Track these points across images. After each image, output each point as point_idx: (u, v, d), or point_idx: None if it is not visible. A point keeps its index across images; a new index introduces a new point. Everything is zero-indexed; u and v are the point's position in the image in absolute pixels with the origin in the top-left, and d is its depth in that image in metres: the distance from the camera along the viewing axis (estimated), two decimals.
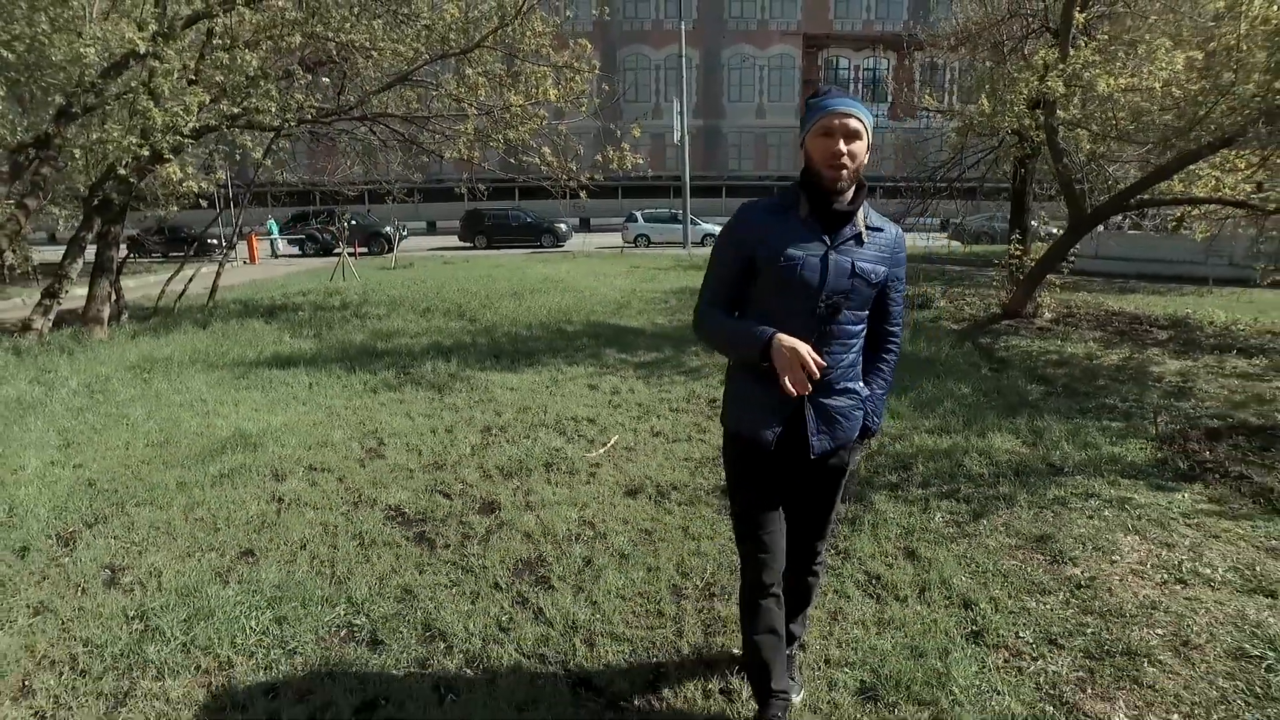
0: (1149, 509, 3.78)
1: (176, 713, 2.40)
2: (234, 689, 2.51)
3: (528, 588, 3.11)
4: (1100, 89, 6.68)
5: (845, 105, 1.88)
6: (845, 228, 1.94)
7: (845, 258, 1.92)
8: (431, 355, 7.58)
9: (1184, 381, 6.63)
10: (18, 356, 7.63)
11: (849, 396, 2.05)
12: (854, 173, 1.90)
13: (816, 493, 2.17)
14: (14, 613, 2.97)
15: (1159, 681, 2.46)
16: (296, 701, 2.44)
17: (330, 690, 2.49)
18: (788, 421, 2.00)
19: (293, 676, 2.56)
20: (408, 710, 2.39)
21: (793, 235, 1.93)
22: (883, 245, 1.99)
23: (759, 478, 2.10)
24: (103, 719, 2.38)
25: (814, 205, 1.93)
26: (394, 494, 4.09)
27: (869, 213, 2.00)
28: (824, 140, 1.87)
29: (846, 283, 1.92)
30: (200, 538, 3.62)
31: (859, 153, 1.88)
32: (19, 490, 4.17)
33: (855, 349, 2.04)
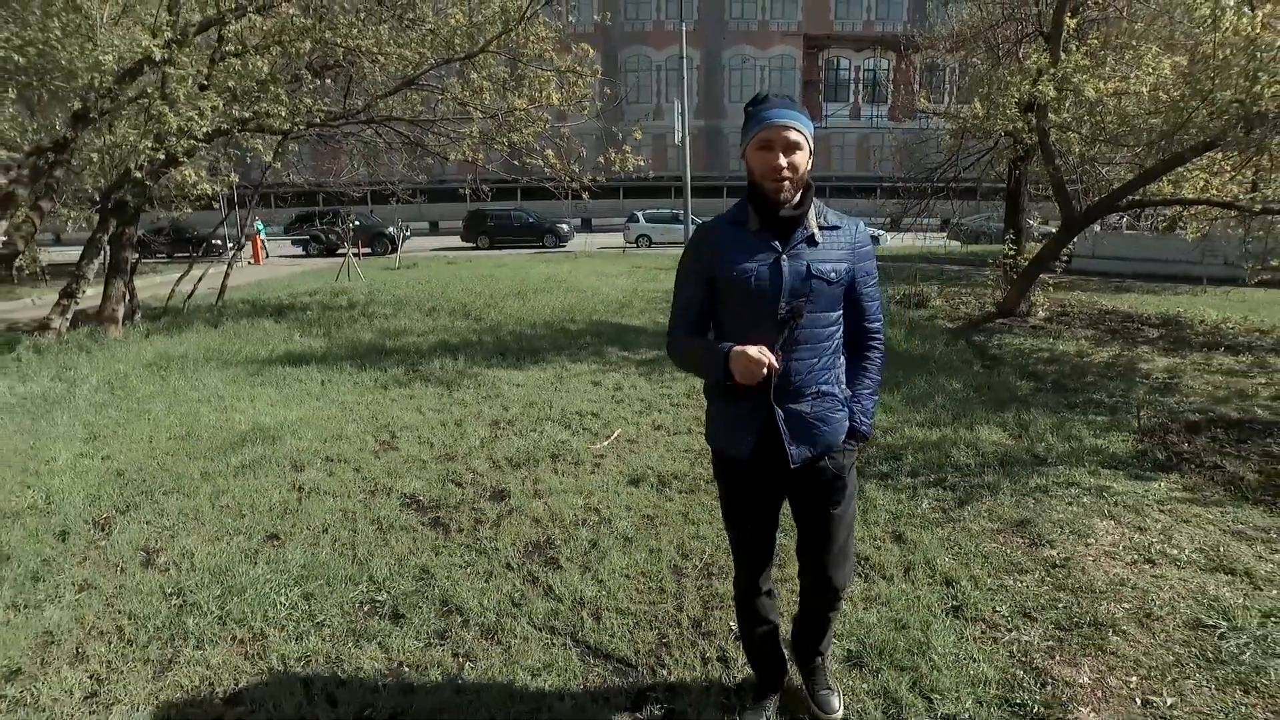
0: (1125, 496, 3.99)
1: (218, 677, 2.61)
2: (269, 656, 2.72)
3: (538, 568, 3.33)
4: (1088, 94, 6.88)
5: (783, 116, 1.87)
6: (795, 231, 1.94)
7: (799, 261, 1.92)
8: (439, 353, 7.79)
9: (1170, 378, 6.82)
10: (38, 355, 7.86)
11: (825, 400, 2.01)
12: (797, 182, 1.91)
13: (812, 504, 2.11)
14: (61, 589, 3.19)
15: (1121, 649, 2.67)
16: (327, 666, 2.65)
17: (358, 657, 2.70)
18: (762, 433, 2.00)
19: (322, 647, 2.77)
20: (430, 675, 2.60)
21: (745, 248, 1.95)
22: (841, 243, 1.98)
23: (744, 492, 2.13)
24: (151, 681, 2.59)
25: (762, 216, 1.94)
26: (408, 483, 4.30)
27: (823, 212, 2.00)
28: (764, 154, 1.89)
29: (804, 285, 1.91)
30: (227, 523, 3.83)
31: (800, 163, 1.90)
32: (53, 480, 4.38)
33: (828, 351, 2.01)
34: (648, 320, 10.09)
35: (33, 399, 6.23)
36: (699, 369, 2.06)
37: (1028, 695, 2.44)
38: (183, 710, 2.44)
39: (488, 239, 30.75)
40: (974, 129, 8.84)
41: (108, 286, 9.35)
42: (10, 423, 5.54)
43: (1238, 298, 12.51)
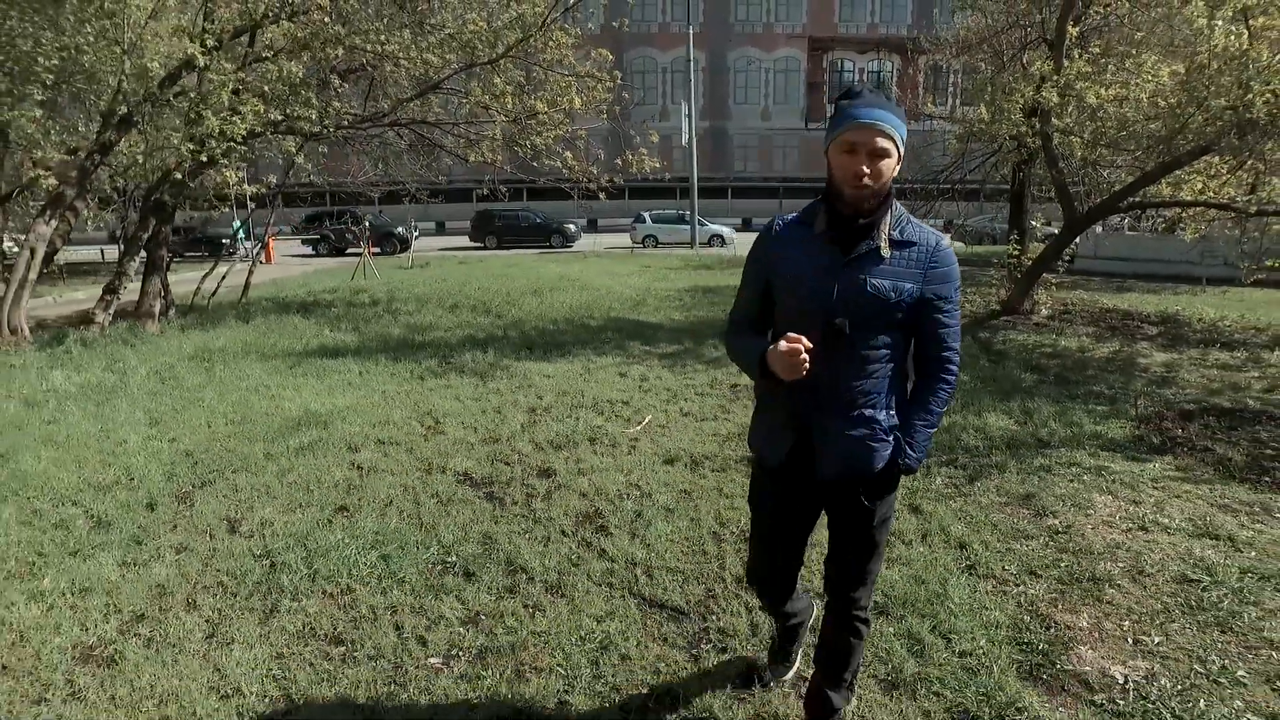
0: (1122, 475, 4.34)
1: (317, 622, 2.96)
2: (359, 606, 3.07)
3: (590, 534, 3.68)
4: (1090, 100, 7.23)
5: (873, 116, 1.72)
6: (861, 242, 1.81)
7: (858, 276, 1.80)
8: (469, 347, 8.15)
9: (1168, 372, 7.17)
10: (86, 347, 8.22)
11: (866, 426, 1.89)
12: (878, 192, 1.78)
13: (843, 523, 2.05)
14: (162, 551, 3.54)
15: (1116, 599, 3.02)
16: (413, 614, 3.00)
17: (438, 608, 3.04)
18: (797, 444, 1.95)
19: (405, 599, 3.12)
20: (506, 623, 2.94)
21: (807, 253, 1.86)
22: (910, 261, 1.81)
23: (773, 502, 2.10)
24: (259, 625, 2.94)
25: (831, 220, 1.84)
26: (460, 462, 4.65)
27: (902, 224, 1.84)
28: (847, 158, 1.75)
29: (857, 301, 1.79)
30: (297, 497, 4.19)
31: (885, 172, 1.76)
32: (129, 459, 4.74)
33: (877, 374, 1.87)
34: (664, 317, 10.44)
35: (90, 388, 6.58)
36: (743, 367, 2.02)
37: (1033, 636, 2.78)
38: (291, 648, 2.79)
39: (495, 239, 31.10)
40: (979, 133, 9.18)
41: (145, 283, 9.72)
42: (76, 409, 5.90)
43: (1236, 297, 12.83)
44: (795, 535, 2.13)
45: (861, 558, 2.06)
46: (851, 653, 2.17)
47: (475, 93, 10.43)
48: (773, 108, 44.28)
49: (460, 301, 12.09)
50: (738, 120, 44.35)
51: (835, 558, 2.10)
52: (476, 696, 2.50)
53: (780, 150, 44.39)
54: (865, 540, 2.03)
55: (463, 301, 12.08)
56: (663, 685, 2.55)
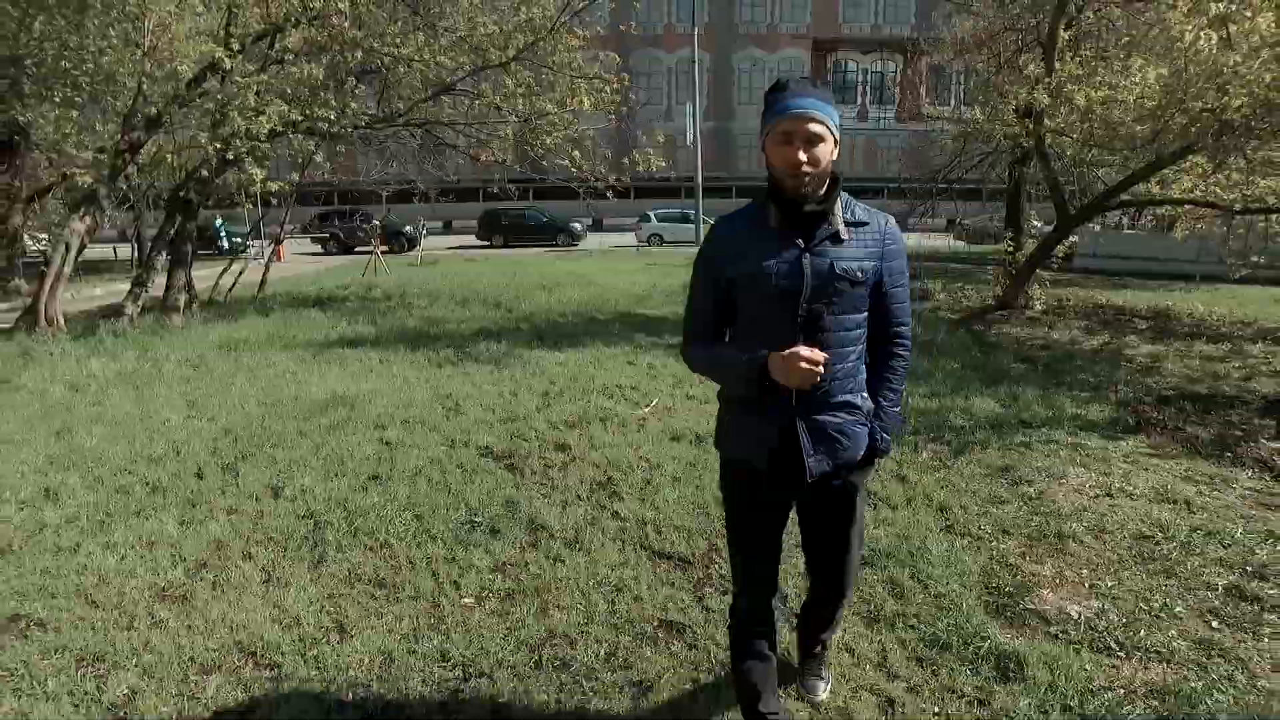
0: (1096, 451, 4.68)
1: (362, 570, 3.31)
2: (398, 557, 3.42)
3: (604, 499, 4.03)
4: (1078, 102, 7.55)
5: (803, 105, 1.75)
6: (820, 227, 1.83)
7: (823, 259, 1.81)
8: (482, 338, 8.51)
9: (1152, 362, 7.50)
10: (117, 338, 8.60)
11: (848, 411, 1.91)
12: (819, 177, 1.80)
13: (825, 521, 2.08)
14: (215, 512, 3.90)
15: (1078, 552, 3.36)
16: (446, 564, 3.36)
17: (469, 558, 3.40)
18: (781, 443, 1.90)
19: (438, 552, 3.47)
20: (530, 570, 3.29)
21: (765, 245, 1.85)
22: (868, 239, 1.87)
23: (756, 506, 2.05)
24: (310, 572, 3.30)
25: (783, 211, 1.83)
26: (481, 438, 5.01)
27: (851, 206, 1.88)
28: (783, 148, 1.77)
29: (828, 285, 1.81)
30: (333, 467, 4.54)
31: (822, 156, 1.78)
32: (174, 436, 5.11)
33: (852, 357, 1.90)
34: (669, 311, 10.78)
35: (127, 374, 6.96)
36: (725, 378, 2.00)
37: (1001, 581, 3.13)
38: (340, 590, 3.15)
39: (502, 238, 31.45)
40: (975, 133, 9.51)
41: (170, 277, 10.10)
42: (117, 393, 6.27)
43: (1228, 293, 13.10)
44: (776, 532, 2.10)
45: (845, 544, 2.11)
46: (837, 614, 2.37)
47: (486, 94, 10.79)
48: None
49: (471, 297, 12.46)
50: (742, 120, 44.60)
51: (818, 548, 2.16)
52: (506, 627, 2.86)
53: None
54: (847, 525, 2.07)
55: (474, 297, 12.45)
56: (671, 619, 2.90)
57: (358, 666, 2.63)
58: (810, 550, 2.19)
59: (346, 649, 2.74)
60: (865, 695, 2.46)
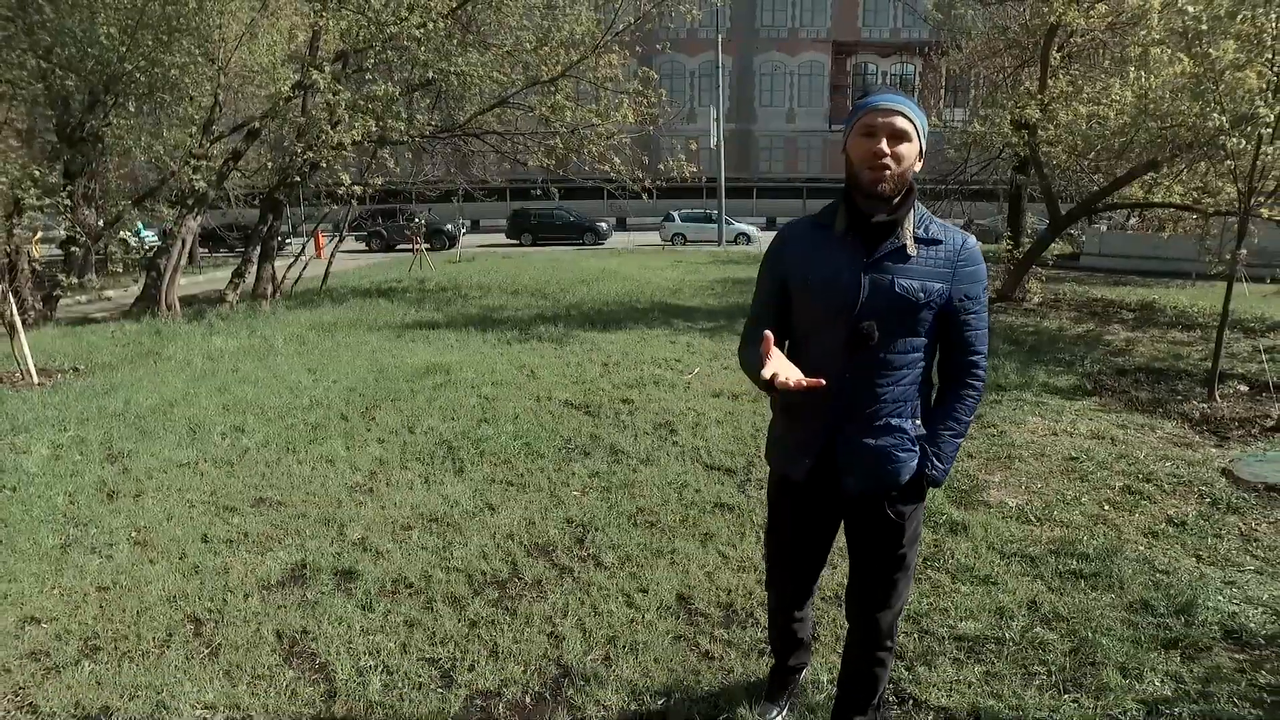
0: (1055, 407, 5.83)
1: (494, 476, 4.54)
2: (517, 469, 4.65)
3: (665, 434, 5.25)
4: (1061, 118, 8.65)
5: (890, 100, 1.70)
6: (885, 242, 1.74)
7: (884, 276, 1.73)
8: (541, 321, 9.78)
9: (1127, 345, 8.59)
10: (224, 321, 9.95)
11: (893, 435, 1.82)
12: (898, 177, 1.70)
13: (867, 542, 1.96)
14: (368, 441, 5.16)
15: (1021, 468, 4.54)
16: (555, 472, 4.58)
17: (570, 470, 4.62)
18: (821, 456, 1.87)
19: (547, 466, 4.70)
20: (618, 475, 4.51)
21: (827, 253, 1.79)
22: (938, 260, 1.76)
23: (794, 518, 2.04)
24: (456, 476, 4.54)
25: (852, 219, 1.77)
26: (560, 394, 6.26)
27: (925, 222, 1.78)
28: (865, 140, 1.70)
29: (884, 304, 1.73)
30: (448, 414, 5.79)
31: (906, 155, 1.70)
32: (311, 392, 6.39)
33: (905, 380, 1.80)
34: (699, 302, 11.99)
35: (247, 349, 8.28)
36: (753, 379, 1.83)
37: (961, 484, 4.31)
38: (480, 486, 4.38)
39: (531, 236, 32.78)
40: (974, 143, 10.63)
41: (259, 269, 11.46)
42: (248, 363, 7.58)
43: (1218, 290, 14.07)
44: (817, 549, 2.07)
45: (887, 579, 1.96)
46: (878, 683, 2.12)
47: (537, 106, 12.06)
48: (797, 110, 45.62)
49: (519, 289, 13.75)
50: (763, 123, 45.71)
51: (858, 580, 2.03)
52: (607, 505, 4.08)
53: (804, 151, 45.71)
54: (892, 559, 1.94)
55: (521, 289, 13.74)
56: (722, 501, 4.11)
57: (509, 526, 3.86)
58: (854, 578, 2.05)
59: (498, 518, 3.97)
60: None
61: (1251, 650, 2.72)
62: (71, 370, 7.30)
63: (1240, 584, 3.16)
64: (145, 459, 4.77)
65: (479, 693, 2.56)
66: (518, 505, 4.11)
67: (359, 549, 3.59)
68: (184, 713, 2.45)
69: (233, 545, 3.64)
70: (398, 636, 2.87)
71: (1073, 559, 3.41)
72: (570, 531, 3.78)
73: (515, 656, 2.74)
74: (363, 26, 10.50)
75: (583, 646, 2.79)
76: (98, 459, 4.80)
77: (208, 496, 4.23)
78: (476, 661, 2.71)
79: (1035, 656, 2.71)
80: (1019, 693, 2.51)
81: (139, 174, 16.75)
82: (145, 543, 3.67)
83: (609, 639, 2.84)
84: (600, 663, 2.70)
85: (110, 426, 5.43)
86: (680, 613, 3.04)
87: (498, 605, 3.09)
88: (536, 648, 2.79)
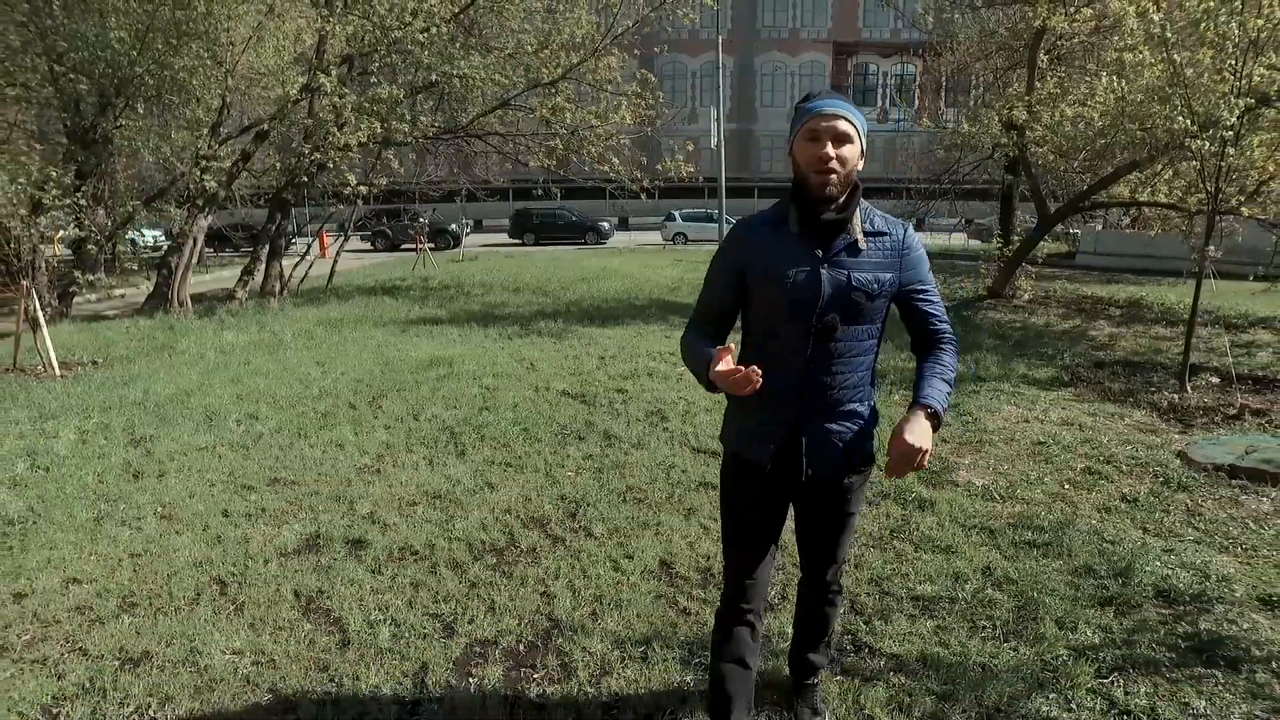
0: (1030, 396, 6.11)
1: (494, 458, 4.83)
2: (515, 451, 4.94)
3: (656, 420, 5.54)
4: (1045, 120, 8.92)
5: (833, 106, 1.78)
6: (838, 238, 1.84)
7: (840, 271, 1.83)
8: (541, 318, 10.07)
9: (1109, 340, 8.86)
10: (234, 317, 10.26)
11: (852, 420, 1.94)
12: (844, 178, 1.79)
13: (819, 520, 2.09)
14: (375, 428, 5.45)
15: (990, 451, 4.81)
16: (551, 455, 4.87)
17: (566, 453, 4.91)
18: (784, 443, 1.94)
19: (543, 450, 4.98)
20: (611, 457, 4.79)
21: (784, 251, 1.86)
22: (885, 250, 1.87)
23: (752, 500, 2.07)
24: (457, 458, 4.83)
25: (804, 217, 1.85)
26: (558, 384, 6.54)
27: (870, 216, 1.89)
28: (810, 145, 1.79)
29: (844, 298, 1.82)
30: (451, 402, 6.08)
31: (849, 157, 1.78)
32: (320, 383, 6.69)
33: (863, 367, 1.93)
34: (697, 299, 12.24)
35: (257, 344, 8.58)
36: (694, 371, 1.95)
37: (933, 465, 4.58)
38: (481, 468, 4.67)
39: (533, 236, 33.10)
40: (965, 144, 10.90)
41: (268, 267, 11.77)
42: (257, 357, 7.87)
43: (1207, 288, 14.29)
44: (773, 531, 2.12)
45: (837, 541, 2.13)
46: (829, 620, 2.31)
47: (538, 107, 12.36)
48: None
49: (521, 287, 14.05)
50: (764, 122, 45.97)
51: (811, 542, 2.17)
52: (599, 484, 4.36)
53: None
54: (840, 525, 2.10)
55: (523, 287, 14.04)
56: (706, 481, 4.39)
57: (507, 502, 4.15)
58: (805, 548, 2.21)
59: (497, 495, 4.25)
60: None
61: (1177, 606, 3.00)
62: (91, 363, 7.61)
63: (1178, 551, 3.43)
64: (166, 443, 5.07)
65: (478, 641, 2.84)
66: (515, 484, 4.39)
67: (368, 521, 3.88)
68: (214, 657, 2.74)
69: (251, 518, 3.94)
70: (404, 595, 3.16)
71: (1029, 531, 3.69)
72: (564, 507, 4.06)
73: (511, 611, 3.03)
74: (368, 31, 10.80)
75: (572, 604, 3.08)
76: (121, 443, 5.10)
77: (226, 476, 4.52)
78: (476, 616, 3.00)
79: (983, 613, 2.99)
80: (964, 643, 2.79)
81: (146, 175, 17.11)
82: (170, 516, 3.96)
83: (596, 598, 3.12)
84: (588, 617, 2.99)
85: (131, 414, 5.73)
86: (662, 576, 3.33)
87: (495, 569, 3.38)
88: (530, 604, 3.08)
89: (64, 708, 2.48)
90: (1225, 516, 3.84)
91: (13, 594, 3.16)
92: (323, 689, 2.57)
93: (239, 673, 2.66)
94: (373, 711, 2.45)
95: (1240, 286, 14.37)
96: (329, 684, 2.60)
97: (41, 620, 2.98)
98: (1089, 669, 2.58)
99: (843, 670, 2.66)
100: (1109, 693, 2.48)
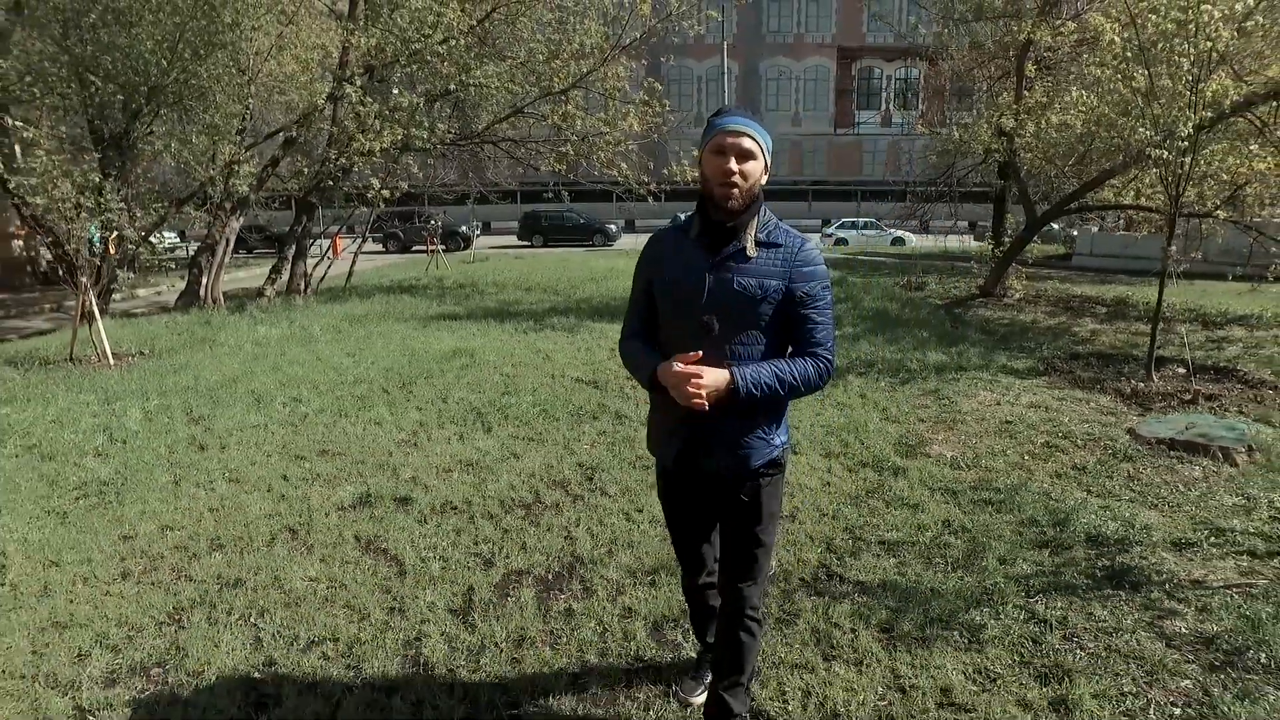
0: (1005, 383, 6.65)
1: (517, 433, 5.40)
2: (536, 428, 5.51)
3: None
4: (1029, 128, 9.46)
5: (739, 123, 1.90)
6: (729, 245, 1.94)
7: (726, 275, 1.92)
8: (554, 314, 10.65)
9: (1091, 335, 9.38)
10: (264, 313, 10.87)
11: (748, 421, 2.01)
12: (746, 191, 1.91)
13: (732, 521, 2.15)
14: (408, 410, 6.03)
15: (963, 430, 5.37)
16: (568, 431, 5.44)
17: (582, 429, 5.48)
18: (686, 443, 2.04)
19: (560, 427, 5.55)
20: (620, 433, 5.36)
21: (681, 256, 1.98)
22: (776, 260, 1.95)
23: (674, 501, 2.25)
24: (485, 434, 5.40)
25: (704, 225, 1.97)
26: (572, 372, 7.12)
27: (769, 227, 1.98)
28: (716, 158, 1.89)
29: (724, 300, 1.91)
30: (475, 388, 6.66)
31: (751, 172, 1.91)
32: (354, 371, 7.27)
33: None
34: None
35: (290, 337, 9.18)
36: (635, 375, 2.09)
37: (910, 440, 5.14)
38: (507, 442, 5.23)
39: (542, 238, 33.71)
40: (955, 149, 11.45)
41: (293, 266, 12.39)
42: (292, 349, 8.47)
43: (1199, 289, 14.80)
44: (698, 523, 2.28)
45: (748, 554, 2.14)
46: (745, 652, 2.22)
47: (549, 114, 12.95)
48: (803, 114, 46.42)
49: (533, 286, 14.64)
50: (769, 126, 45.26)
51: (725, 555, 2.20)
52: (613, 454, 4.92)
53: (810, 154, 46.53)
54: (751, 537, 2.12)
55: (535, 286, 14.63)
56: None
57: (531, 468, 4.71)
58: (723, 555, 2.22)
59: (522, 463, 4.83)
60: (815, 478, 4.50)
61: (1102, 548, 3.55)
62: (139, 354, 8.22)
63: (1113, 508, 3.98)
64: (223, 421, 5.67)
65: (513, 571, 3.41)
66: (538, 454, 4.97)
67: (411, 483, 4.46)
68: (295, 582, 3.32)
69: (308, 482, 4.52)
70: (448, 539, 3.73)
71: (987, 492, 4.24)
72: (581, 472, 4.64)
73: (540, 550, 3.60)
74: (390, 43, 11.41)
75: (591, 545, 3.65)
76: (183, 421, 5.69)
77: (280, 449, 5.11)
78: (510, 553, 3.57)
79: (938, 553, 3.54)
80: (919, 573, 3.34)
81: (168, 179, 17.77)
82: (238, 480, 4.55)
83: (612, 540, 3.69)
84: (605, 554, 3.56)
85: (186, 397, 6.33)
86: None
87: (525, 519, 3.96)
88: (555, 545, 3.65)
89: (185, 614, 3.06)
90: (1160, 481, 4.39)
91: (120, 536, 3.75)
92: (388, 605, 3.15)
93: (318, 593, 3.24)
94: (429, 620, 3.02)
95: (1224, 286, 14.90)
96: (392, 602, 3.17)
97: (149, 556, 3.56)
98: (1019, 590, 3.14)
99: (815, 593, 3.22)
100: (1031, 608, 3.03)
